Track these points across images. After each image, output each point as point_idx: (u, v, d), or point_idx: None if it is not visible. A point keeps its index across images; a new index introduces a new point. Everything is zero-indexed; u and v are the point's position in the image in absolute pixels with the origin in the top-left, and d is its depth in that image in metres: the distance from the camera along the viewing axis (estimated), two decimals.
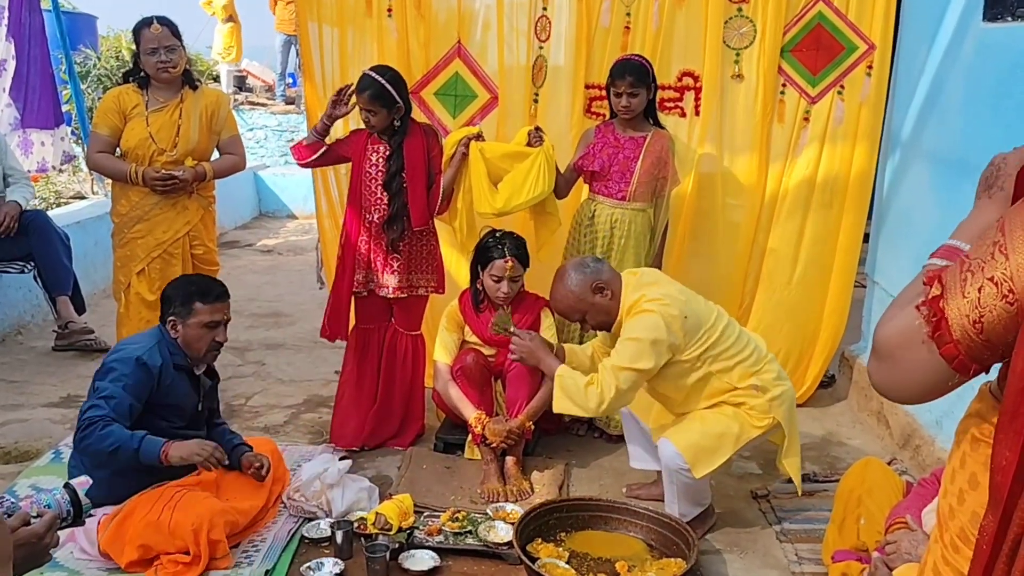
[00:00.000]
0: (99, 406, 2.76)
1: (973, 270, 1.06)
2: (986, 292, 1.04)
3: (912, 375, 1.13)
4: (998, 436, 1.05)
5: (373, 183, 3.57)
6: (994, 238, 1.06)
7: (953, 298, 1.07)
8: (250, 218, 9.61)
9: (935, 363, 1.09)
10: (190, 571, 2.69)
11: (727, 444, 2.94)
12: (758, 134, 4.06)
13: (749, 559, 2.97)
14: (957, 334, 1.06)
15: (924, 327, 1.10)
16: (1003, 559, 1.03)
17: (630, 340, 2.87)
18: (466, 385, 3.51)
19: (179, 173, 3.90)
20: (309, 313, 5.80)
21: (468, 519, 3.05)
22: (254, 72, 13.83)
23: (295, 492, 3.17)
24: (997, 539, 1.04)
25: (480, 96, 4.08)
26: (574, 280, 2.96)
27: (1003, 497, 1.03)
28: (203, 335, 2.98)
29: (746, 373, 2.98)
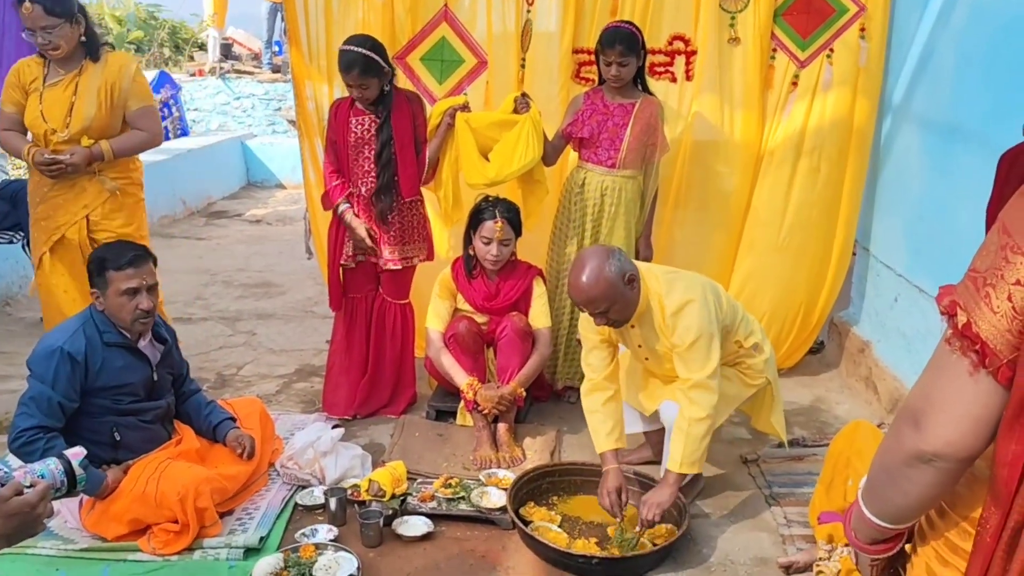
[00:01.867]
0: (29, 414, 2.68)
1: (992, 283, 1.01)
2: (1018, 297, 0.99)
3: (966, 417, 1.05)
4: (1003, 431, 1.03)
5: (360, 156, 3.53)
6: (1000, 242, 1.02)
7: (983, 319, 1.02)
8: (238, 188, 9.53)
9: (989, 392, 1.03)
10: (180, 539, 2.71)
11: (726, 404, 2.96)
12: (755, 98, 4.03)
13: (739, 522, 3.01)
14: (1006, 353, 1.00)
15: (963, 360, 1.04)
16: (1002, 550, 1.03)
17: (696, 343, 2.74)
18: (458, 352, 3.52)
19: (65, 156, 3.46)
20: (299, 283, 5.79)
21: (461, 485, 3.07)
22: (240, 40, 13.63)
23: (288, 460, 3.18)
24: (1000, 533, 1.03)
25: (467, 61, 4.04)
26: (610, 268, 2.68)
27: (1011, 491, 1.01)
28: (124, 303, 2.78)
29: (746, 331, 3.01)
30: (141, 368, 2.92)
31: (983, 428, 1.05)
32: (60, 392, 2.72)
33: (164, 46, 13.34)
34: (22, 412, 2.71)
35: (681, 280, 2.86)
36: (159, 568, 2.67)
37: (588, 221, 3.72)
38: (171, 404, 3.07)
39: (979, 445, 1.06)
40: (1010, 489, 1.01)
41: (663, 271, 2.92)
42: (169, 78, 10.25)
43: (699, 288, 2.83)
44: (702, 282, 2.92)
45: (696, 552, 2.82)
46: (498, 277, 3.64)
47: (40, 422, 2.68)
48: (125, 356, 2.87)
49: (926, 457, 1.09)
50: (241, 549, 2.74)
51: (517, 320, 3.53)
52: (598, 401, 2.94)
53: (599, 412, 2.94)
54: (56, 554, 2.72)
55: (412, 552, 2.78)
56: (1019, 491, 1.00)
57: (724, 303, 2.92)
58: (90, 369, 2.78)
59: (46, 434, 2.69)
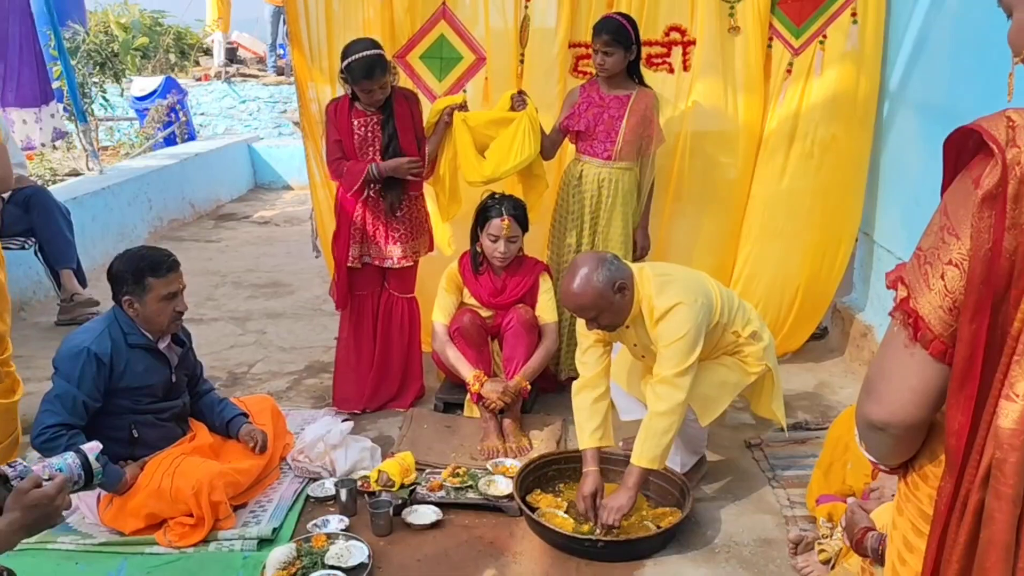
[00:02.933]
0: (53, 411, 2.75)
1: (931, 261, 1.07)
2: (949, 276, 1.05)
3: (904, 388, 1.11)
4: (950, 402, 1.08)
5: (364, 156, 3.57)
6: (940, 223, 1.07)
7: (921, 295, 1.08)
8: (246, 190, 9.61)
9: (925, 364, 1.09)
10: (196, 532, 2.79)
11: (727, 391, 3.01)
12: (758, 86, 4.07)
13: (742, 505, 3.06)
14: (938, 328, 1.07)
15: (902, 332, 1.10)
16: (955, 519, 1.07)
17: (675, 342, 2.77)
18: (463, 345, 3.57)
19: None
20: (308, 282, 5.86)
21: (469, 474, 3.13)
22: (245, 44, 13.75)
23: (299, 454, 3.25)
24: (953, 500, 1.08)
25: (466, 58, 4.09)
26: (599, 277, 2.73)
27: (958, 460, 1.07)
28: (163, 308, 2.90)
29: (745, 322, 3.05)
30: (161, 370, 3.00)
31: (922, 399, 1.10)
32: (85, 391, 2.79)
33: (170, 52, 13.45)
34: (46, 409, 2.78)
35: (674, 283, 2.86)
36: (175, 560, 2.74)
37: (586, 213, 3.77)
38: (186, 403, 3.15)
39: (921, 415, 1.11)
40: (958, 458, 1.06)
41: (657, 273, 2.93)
42: (175, 83, 10.35)
43: (691, 291, 2.85)
44: (696, 283, 2.94)
45: (700, 534, 2.87)
46: (505, 273, 3.69)
47: (64, 420, 2.75)
48: (147, 358, 2.96)
49: (876, 426, 1.15)
50: (255, 540, 2.81)
51: (523, 312, 3.58)
52: (587, 399, 2.99)
53: (586, 410, 2.98)
54: (75, 548, 2.80)
55: (421, 540, 2.85)
56: (967, 461, 1.05)
57: (718, 301, 2.94)
58: (115, 370, 2.86)
59: (68, 431, 2.76)
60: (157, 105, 9.71)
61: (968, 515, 1.05)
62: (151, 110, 9.69)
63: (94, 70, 8.68)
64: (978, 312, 1.02)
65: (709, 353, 3.03)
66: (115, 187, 6.81)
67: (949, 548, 1.07)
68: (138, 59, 11.38)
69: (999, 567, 1.02)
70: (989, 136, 1.03)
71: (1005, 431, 1.01)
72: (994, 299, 1.01)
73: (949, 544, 1.07)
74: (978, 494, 1.04)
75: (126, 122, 10.61)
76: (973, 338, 1.02)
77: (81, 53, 8.36)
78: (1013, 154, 1.01)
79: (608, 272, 2.75)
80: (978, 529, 1.04)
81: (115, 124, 10.66)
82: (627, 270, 2.85)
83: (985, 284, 1.01)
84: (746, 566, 2.69)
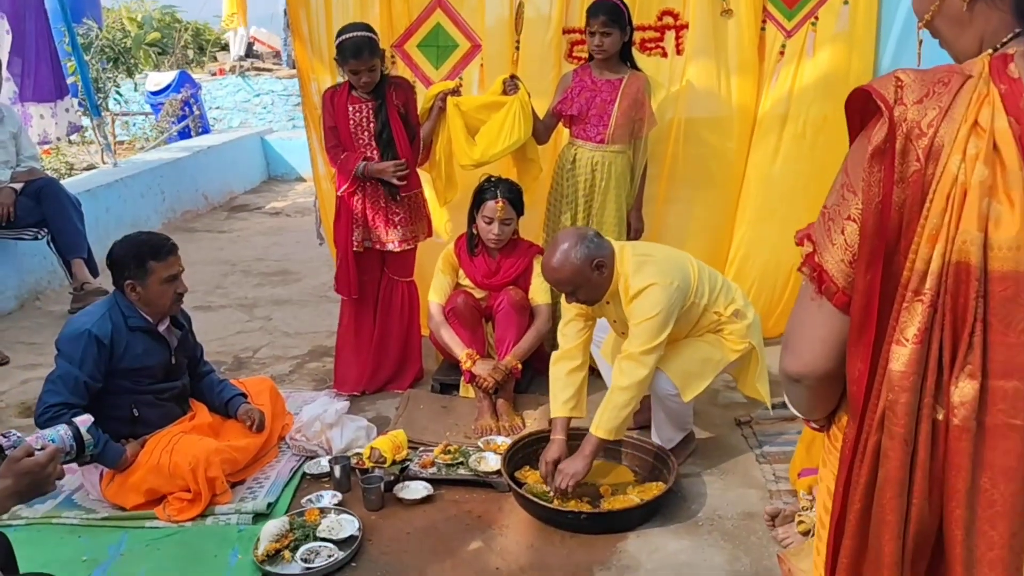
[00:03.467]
0: (56, 391, 2.85)
1: (833, 217, 1.13)
2: (848, 231, 1.11)
3: (814, 340, 1.17)
4: (850, 350, 1.13)
5: (359, 142, 3.65)
6: (841, 181, 1.13)
7: (825, 249, 1.14)
8: (259, 182, 9.74)
9: (830, 316, 1.14)
10: (194, 507, 2.89)
11: (710, 368, 3.07)
12: (751, 69, 4.09)
13: (728, 480, 3.11)
14: (841, 281, 1.12)
15: (810, 286, 1.16)
16: (856, 462, 1.13)
17: (645, 321, 2.85)
18: (457, 325, 3.65)
19: None
20: (315, 270, 5.95)
21: (460, 452, 3.21)
22: (262, 39, 13.89)
23: (297, 433, 3.34)
24: (856, 444, 1.14)
25: (462, 45, 4.14)
26: (577, 254, 2.82)
27: (859, 406, 1.12)
28: (165, 290, 2.99)
29: (727, 302, 3.10)
30: (160, 351, 3.09)
31: (830, 349, 1.16)
32: (86, 372, 2.88)
33: (188, 47, 13.61)
34: (49, 389, 2.88)
35: (651, 264, 2.93)
36: (174, 533, 2.84)
37: (580, 196, 3.82)
38: (186, 384, 3.24)
39: (830, 365, 1.17)
40: (859, 404, 1.12)
41: (637, 252, 2.99)
42: (189, 77, 10.49)
43: (667, 272, 2.91)
44: (674, 265, 3.00)
45: (685, 508, 2.93)
46: (499, 255, 3.76)
47: (66, 399, 2.85)
48: (147, 340, 3.04)
49: (792, 377, 1.21)
50: (250, 514, 2.90)
51: (514, 294, 3.65)
52: (563, 370, 3.06)
53: (561, 380, 3.05)
54: (79, 523, 2.90)
55: (412, 514, 2.93)
56: (867, 406, 1.11)
57: (695, 283, 3.00)
58: (115, 351, 2.94)
59: (70, 410, 2.85)
60: (171, 99, 9.86)
61: (867, 456, 1.10)
62: (165, 104, 9.84)
63: (108, 65, 8.82)
64: (871, 263, 1.07)
65: (691, 331, 3.09)
66: (128, 180, 6.95)
67: (853, 489, 1.13)
68: (155, 55, 11.54)
69: (894, 503, 1.08)
70: (878, 95, 1.08)
71: (895, 374, 1.07)
72: (886, 250, 1.07)
73: (853, 485, 1.13)
74: (875, 436, 1.09)
75: (141, 116, 10.77)
76: (868, 288, 1.08)
77: (95, 49, 8.50)
78: (900, 111, 1.06)
79: (587, 249, 2.83)
80: (877, 469, 1.10)
81: (131, 118, 10.83)
82: (607, 248, 2.92)
83: (877, 236, 1.07)
84: (728, 538, 2.75)
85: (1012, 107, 1.05)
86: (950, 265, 1.04)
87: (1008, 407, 1.03)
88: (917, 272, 1.06)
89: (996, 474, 1.04)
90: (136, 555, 2.73)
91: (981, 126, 1.05)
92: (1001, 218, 1.02)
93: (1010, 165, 1.03)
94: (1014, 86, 1.06)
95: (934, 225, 1.05)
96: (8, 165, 5.09)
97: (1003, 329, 1.03)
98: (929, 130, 1.06)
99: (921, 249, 1.06)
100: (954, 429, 1.05)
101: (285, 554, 2.64)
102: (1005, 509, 1.04)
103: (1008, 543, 1.04)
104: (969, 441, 1.04)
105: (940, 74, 1.10)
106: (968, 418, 1.04)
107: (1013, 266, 1.02)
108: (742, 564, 2.61)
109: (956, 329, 1.05)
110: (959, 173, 1.04)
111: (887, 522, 1.08)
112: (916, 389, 1.06)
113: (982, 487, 1.05)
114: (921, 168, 1.06)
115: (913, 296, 1.06)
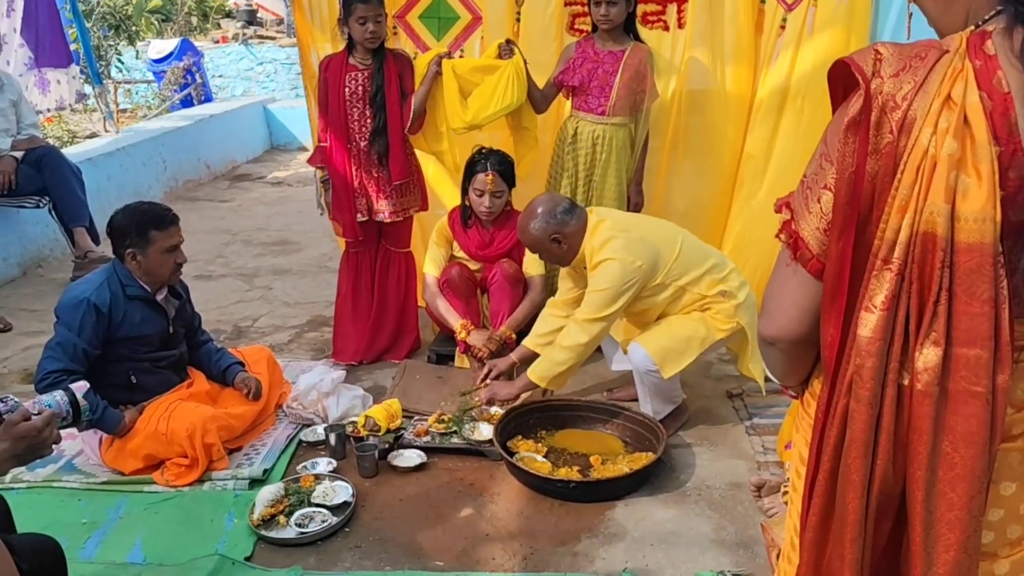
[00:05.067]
0: (55, 357, 2.88)
1: (811, 186, 1.16)
2: (824, 200, 1.13)
3: (789, 304, 1.20)
4: (823, 316, 1.16)
5: (356, 110, 3.64)
6: (820, 150, 1.15)
7: (802, 217, 1.16)
8: (261, 151, 9.73)
9: (804, 282, 1.17)
10: (191, 472, 2.93)
11: (693, 346, 3.09)
12: (746, 44, 4.07)
13: (718, 451, 3.15)
14: (816, 248, 1.15)
15: (786, 252, 1.19)
16: (828, 425, 1.16)
17: (596, 292, 3.05)
18: (452, 297, 3.68)
19: None
20: (316, 240, 5.97)
21: (454, 420, 3.25)
22: (266, 6, 13.81)
23: (293, 401, 3.38)
24: (828, 407, 1.17)
25: (463, 17, 4.13)
26: (537, 226, 3.11)
27: (831, 370, 1.15)
28: (165, 260, 3.02)
29: (713, 281, 3.12)
30: (158, 320, 3.12)
31: (804, 314, 1.19)
32: (85, 340, 2.91)
33: (192, 15, 13.54)
34: (48, 356, 2.91)
35: (621, 239, 3.05)
36: (171, 498, 2.89)
37: (581, 169, 3.82)
38: (183, 353, 3.28)
39: (804, 329, 1.20)
40: (830, 368, 1.15)
41: (613, 226, 3.10)
42: (191, 45, 10.45)
43: (634, 250, 3.02)
44: (647, 243, 3.08)
45: (674, 478, 2.97)
46: (493, 227, 3.78)
47: (65, 366, 2.88)
48: (144, 309, 3.07)
49: (767, 340, 1.24)
50: (246, 480, 2.95)
51: (507, 266, 3.67)
52: (550, 310, 3.40)
53: (546, 317, 3.38)
54: (79, 487, 2.95)
55: (405, 481, 2.97)
56: (839, 370, 1.13)
57: (673, 263, 3.09)
58: (113, 320, 2.98)
59: (69, 376, 2.89)
60: (174, 67, 9.84)
61: (836, 418, 1.14)
62: (168, 72, 9.82)
63: (109, 33, 8.79)
64: (844, 231, 1.09)
65: (676, 308, 3.15)
66: (130, 148, 6.96)
67: (823, 450, 1.16)
68: (157, 22, 11.49)
69: (859, 463, 1.11)
70: (856, 67, 1.10)
71: (863, 339, 1.10)
72: (859, 219, 1.09)
73: (824, 446, 1.16)
74: (844, 399, 1.13)
75: (144, 84, 10.75)
76: (840, 255, 1.10)
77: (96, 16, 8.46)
78: (876, 84, 1.08)
79: (545, 224, 3.10)
80: (845, 430, 1.13)
81: (133, 87, 10.81)
82: (573, 223, 3.12)
83: (849, 205, 1.09)
84: (714, 508, 2.79)
85: (985, 83, 1.06)
86: (917, 235, 1.06)
87: (970, 374, 1.06)
88: (887, 241, 1.08)
89: (957, 438, 1.07)
90: (135, 518, 2.78)
91: (953, 100, 1.06)
92: (969, 191, 1.04)
93: (979, 139, 1.04)
94: (989, 62, 1.07)
95: (904, 196, 1.07)
96: (8, 133, 5.11)
97: (967, 299, 1.05)
98: (903, 103, 1.08)
99: (891, 219, 1.08)
100: (917, 394, 1.08)
101: (280, 519, 2.69)
102: (965, 472, 1.07)
103: (967, 505, 1.07)
104: (931, 406, 1.07)
105: (918, 48, 1.12)
106: (931, 383, 1.07)
107: (978, 238, 1.04)
108: (727, 533, 2.65)
109: (922, 297, 1.08)
110: (929, 146, 1.06)
111: (852, 481, 1.12)
112: (882, 354, 1.09)
113: (943, 451, 1.08)
114: (894, 140, 1.08)
115: (882, 264, 1.09)
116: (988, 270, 1.04)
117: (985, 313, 1.04)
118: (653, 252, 3.05)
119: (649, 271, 3.04)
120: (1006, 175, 1.05)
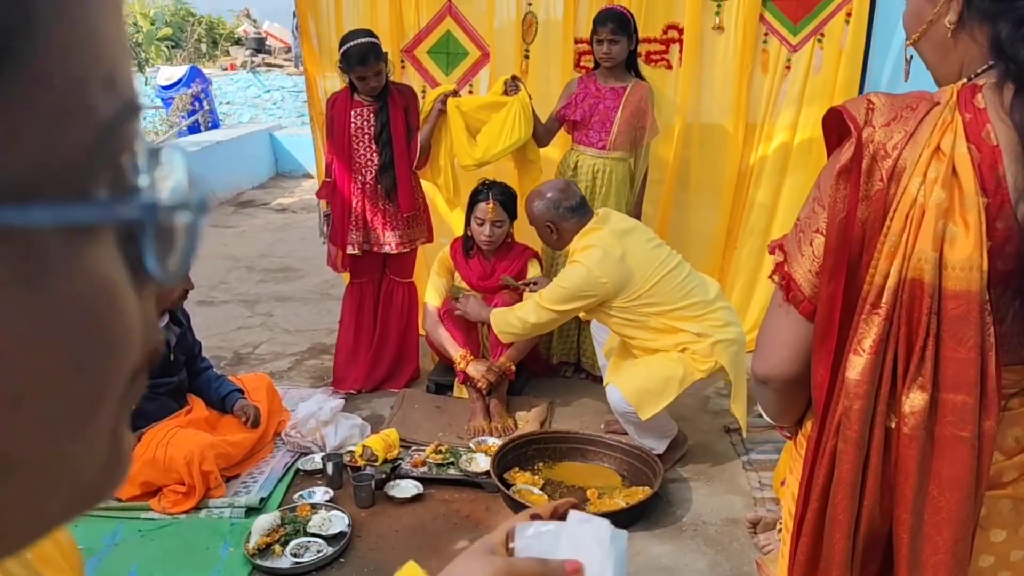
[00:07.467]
0: None
1: (804, 229, 1.18)
2: (817, 243, 1.15)
3: (781, 345, 1.22)
4: (814, 357, 1.18)
5: (361, 145, 3.70)
6: (813, 195, 1.18)
7: (795, 259, 1.19)
8: (267, 178, 9.81)
9: (796, 323, 1.19)
10: (188, 500, 2.94)
11: (672, 387, 3.08)
12: (736, 86, 4.16)
13: (714, 486, 3.15)
14: (808, 290, 1.17)
15: (779, 294, 1.21)
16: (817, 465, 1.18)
17: (558, 285, 3.19)
18: (452, 327, 3.70)
19: None
20: (318, 268, 5.96)
21: (450, 451, 3.25)
22: (274, 34, 13.97)
23: (292, 429, 3.39)
24: (817, 448, 1.19)
25: (472, 54, 4.21)
26: (540, 207, 3.30)
27: (820, 411, 1.17)
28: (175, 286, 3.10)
29: (686, 317, 3.13)
30: None
31: (796, 354, 1.21)
32: None
33: (201, 42, 13.69)
34: None
35: (600, 251, 3.14)
36: (167, 525, 2.88)
37: None
38: (183, 380, 3.30)
39: (795, 369, 1.22)
40: (820, 409, 1.17)
41: (604, 236, 3.18)
42: (199, 72, 10.56)
43: (606, 267, 3.10)
44: (625, 266, 3.11)
45: (670, 513, 2.96)
46: (494, 257, 3.81)
47: None
48: None
49: (760, 379, 1.26)
50: (243, 508, 2.95)
51: (508, 297, 3.69)
52: None
53: None
54: None
55: (401, 512, 2.97)
56: (828, 411, 1.15)
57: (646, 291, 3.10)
58: None
59: None
60: (182, 94, 9.94)
61: (824, 459, 1.15)
62: (176, 99, 9.92)
63: None
64: (834, 275, 1.12)
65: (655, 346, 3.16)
66: None
67: (812, 490, 1.17)
68: (167, 49, 11.61)
69: (845, 504, 1.13)
70: (849, 116, 1.13)
71: (851, 381, 1.12)
72: (849, 263, 1.11)
73: (812, 486, 1.17)
74: (832, 440, 1.14)
75: (152, 110, 10.86)
76: (831, 298, 1.13)
77: None
78: (868, 132, 1.11)
79: (547, 209, 3.27)
80: (833, 471, 1.14)
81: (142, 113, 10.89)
82: (570, 220, 3.25)
83: (840, 249, 1.11)
84: (710, 544, 2.79)
85: (974, 135, 1.09)
86: (906, 281, 1.09)
87: (956, 419, 1.07)
88: (876, 286, 1.11)
89: (943, 482, 1.08)
90: (130, 545, 2.78)
91: (943, 151, 1.09)
92: (956, 239, 1.07)
93: (967, 189, 1.07)
94: (979, 115, 1.10)
95: (892, 243, 1.09)
96: None
97: (954, 345, 1.07)
98: (894, 152, 1.11)
99: (880, 264, 1.10)
100: (904, 437, 1.10)
101: (276, 548, 2.69)
102: (950, 516, 1.08)
103: (951, 549, 1.08)
104: (918, 449, 1.09)
105: (909, 100, 1.15)
106: (917, 427, 1.08)
107: (965, 286, 1.06)
108: (723, 569, 2.65)
109: (910, 342, 1.10)
110: (918, 195, 1.08)
111: (838, 521, 1.13)
112: (870, 396, 1.11)
113: (929, 494, 1.09)
114: (884, 187, 1.11)
115: (871, 309, 1.11)
116: (975, 317, 1.06)
117: (971, 359, 1.06)
118: (624, 274, 3.10)
119: (612, 291, 3.10)
120: (993, 226, 1.07)
